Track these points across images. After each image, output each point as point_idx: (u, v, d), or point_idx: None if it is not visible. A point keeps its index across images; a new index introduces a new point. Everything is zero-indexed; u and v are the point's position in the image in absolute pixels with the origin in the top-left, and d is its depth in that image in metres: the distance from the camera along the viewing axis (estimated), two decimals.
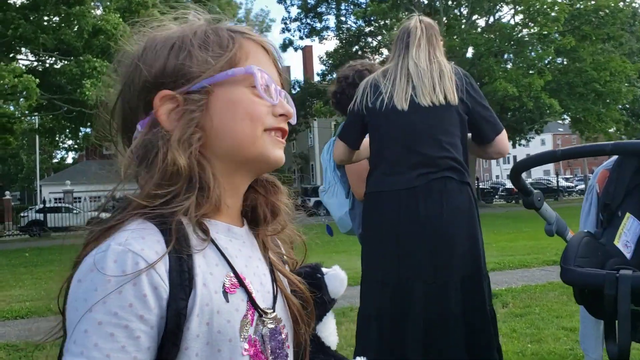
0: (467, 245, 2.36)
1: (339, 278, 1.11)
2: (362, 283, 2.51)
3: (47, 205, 28.30)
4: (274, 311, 0.91)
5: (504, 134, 2.52)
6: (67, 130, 26.20)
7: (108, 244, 0.78)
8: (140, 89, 0.88)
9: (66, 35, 17.61)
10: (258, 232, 0.97)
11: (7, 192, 40.72)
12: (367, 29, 30.85)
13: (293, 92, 34.07)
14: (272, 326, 0.90)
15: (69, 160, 56.27)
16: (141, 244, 0.78)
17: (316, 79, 37.13)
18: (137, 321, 0.75)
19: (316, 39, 33.27)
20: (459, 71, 2.49)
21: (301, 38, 34.80)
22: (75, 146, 37.70)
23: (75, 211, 29.31)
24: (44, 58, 20.99)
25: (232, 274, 0.86)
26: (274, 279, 0.95)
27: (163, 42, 0.90)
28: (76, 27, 17.30)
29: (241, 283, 0.87)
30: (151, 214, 0.82)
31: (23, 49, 20.23)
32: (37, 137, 35.95)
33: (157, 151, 0.84)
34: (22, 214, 30.55)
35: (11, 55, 19.54)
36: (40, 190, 39.30)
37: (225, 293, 0.83)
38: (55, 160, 56.70)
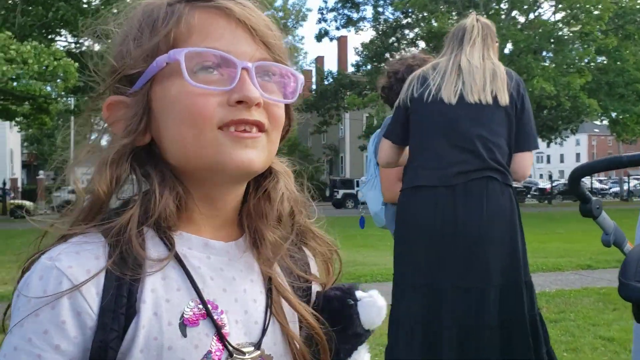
0: (506, 251, 2.25)
1: (375, 306, 0.88)
2: (393, 285, 2.41)
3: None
4: (257, 348, 0.75)
5: (530, 156, 2.40)
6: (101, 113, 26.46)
7: (39, 257, 0.69)
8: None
9: (105, 19, 17.78)
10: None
11: (41, 172, 41.56)
12: (405, 21, 30.49)
13: (325, 82, 33.92)
14: None
15: (103, 142, 57.15)
16: (71, 260, 0.67)
17: (350, 69, 36.90)
18: (52, 351, 0.65)
19: (352, 29, 33.06)
20: (512, 75, 2.40)
21: (337, 28, 34.55)
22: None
23: None
24: (82, 40, 21.26)
25: (198, 300, 0.72)
26: (270, 307, 0.79)
27: (121, 30, 0.79)
28: (115, 10, 17.45)
29: (209, 313, 0.72)
30: (105, 226, 0.71)
31: (62, 31, 20.49)
32: (72, 118, 36.58)
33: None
34: (55, 194, 31.06)
35: (50, 37, 19.82)
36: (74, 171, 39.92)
37: (182, 325, 0.70)
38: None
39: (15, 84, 15.56)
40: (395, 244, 2.43)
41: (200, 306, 0.71)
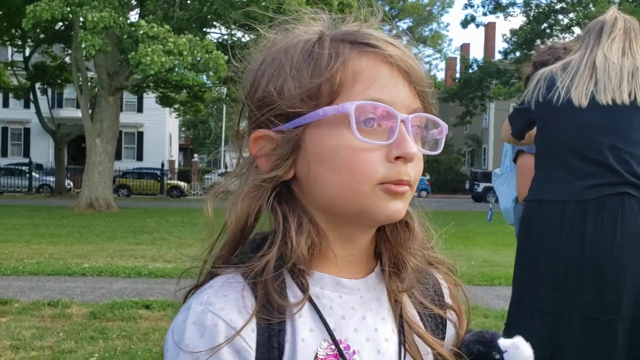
0: None
1: (522, 358, 0.85)
2: (510, 304, 2.22)
3: (229, 169, 30.56)
4: None
5: None
6: None
7: (186, 307, 0.71)
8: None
9: (253, 12, 18.57)
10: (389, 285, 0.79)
11: (196, 155, 44.81)
12: (559, 5, 28.52)
13: (470, 71, 32.79)
14: None
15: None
16: (222, 302, 0.69)
17: (497, 57, 35.35)
18: None
19: (501, 15, 31.63)
20: None
21: (484, 14, 33.20)
22: None
23: None
24: (233, 32, 22.42)
25: (330, 341, 0.72)
26: (404, 344, 0.77)
27: (269, 62, 0.75)
28: (262, 3, 18.12)
29: (341, 354, 0.72)
30: (243, 268, 0.72)
31: (215, 24, 21.72)
32: (224, 106, 38.90)
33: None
34: (206, 176, 33.39)
35: (204, 30, 21.11)
36: (224, 155, 42.57)
37: None
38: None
39: (173, 73, 16.81)
40: (517, 259, 2.24)
41: (333, 347, 0.72)
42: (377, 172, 0.70)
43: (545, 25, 28.92)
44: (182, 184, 32.00)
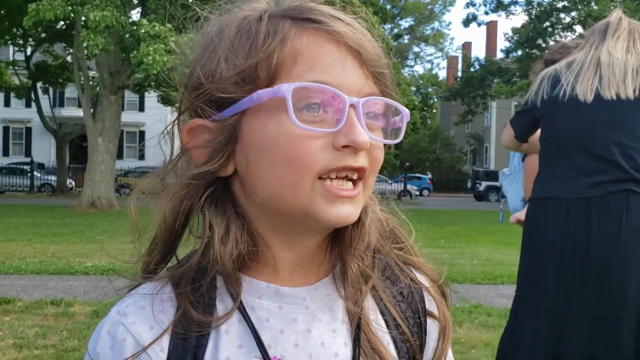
0: None
1: None
2: (514, 302, 2.24)
3: None
4: None
5: None
6: None
7: (108, 313, 0.68)
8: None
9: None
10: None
11: None
12: (561, 4, 28.47)
13: (472, 69, 32.76)
14: None
15: None
16: (136, 315, 0.65)
17: (499, 55, 35.34)
18: None
19: (502, 14, 31.60)
20: None
21: (486, 13, 33.20)
22: None
23: None
24: None
25: (262, 358, 0.64)
26: (358, 357, 0.68)
27: (205, 44, 0.68)
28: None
29: None
30: (171, 273, 0.68)
31: None
32: None
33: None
34: None
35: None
36: None
37: None
38: None
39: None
40: (521, 257, 2.24)
41: None
42: (317, 161, 0.61)
43: (547, 23, 28.85)
44: None
